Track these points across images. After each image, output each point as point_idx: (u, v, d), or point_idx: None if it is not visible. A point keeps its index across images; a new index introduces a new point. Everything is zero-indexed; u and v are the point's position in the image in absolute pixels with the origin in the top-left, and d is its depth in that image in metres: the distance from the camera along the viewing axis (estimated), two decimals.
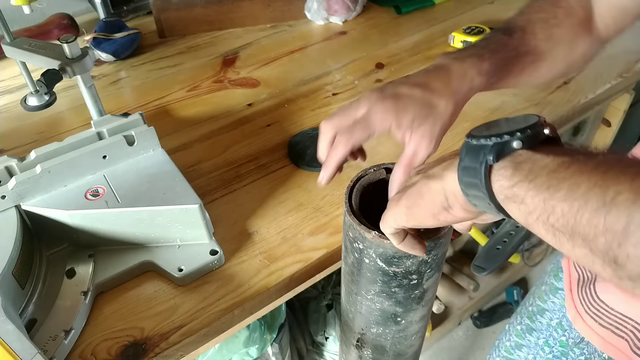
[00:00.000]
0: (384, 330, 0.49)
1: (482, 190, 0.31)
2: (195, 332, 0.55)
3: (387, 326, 0.49)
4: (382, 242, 0.41)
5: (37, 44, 0.69)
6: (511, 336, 0.78)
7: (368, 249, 0.42)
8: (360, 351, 0.54)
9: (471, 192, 0.32)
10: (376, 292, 0.46)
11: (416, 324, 0.49)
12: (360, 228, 0.42)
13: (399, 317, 0.47)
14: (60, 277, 0.57)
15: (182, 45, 1.08)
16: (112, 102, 0.90)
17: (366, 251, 0.43)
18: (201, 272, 0.59)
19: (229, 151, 0.79)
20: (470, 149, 0.32)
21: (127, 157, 0.63)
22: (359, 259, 0.44)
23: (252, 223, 0.67)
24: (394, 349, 0.52)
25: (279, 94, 0.92)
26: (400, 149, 0.79)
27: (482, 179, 0.31)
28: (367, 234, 0.41)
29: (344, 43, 1.08)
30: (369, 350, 0.53)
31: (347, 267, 0.48)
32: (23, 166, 0.59)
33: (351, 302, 0.50)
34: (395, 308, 0.46)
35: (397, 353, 0.53)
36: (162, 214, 0.58)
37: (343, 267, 0.50)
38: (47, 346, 0.51)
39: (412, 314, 0.47)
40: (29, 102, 0.71)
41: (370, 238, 0.41)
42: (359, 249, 0.44)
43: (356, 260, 0.45)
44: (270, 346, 1.05)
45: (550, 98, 0.88)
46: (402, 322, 0.48)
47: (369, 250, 0.42)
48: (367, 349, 0.53)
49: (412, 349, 0.54)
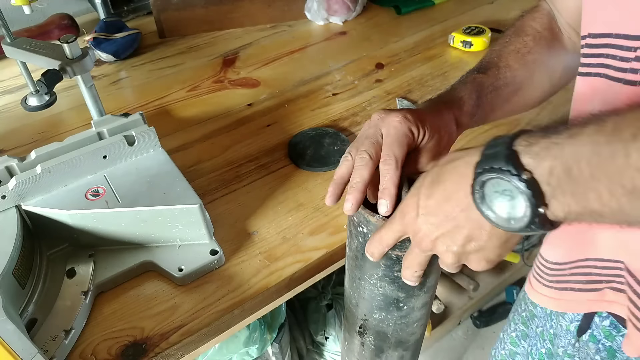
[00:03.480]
0: (386, 315, 0.50)
1: (503, 155, 0.32)
2: (195, 332, 0.55)
3: (390, 312, 0.50)
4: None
5: (37, 44, 0.69)
6: (506, 344, 0.79)
7: (372, 233, 0.43)
8: (363, 338, 0.55)
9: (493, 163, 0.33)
10: (379, 277, 0.46)
11: (418, 311, 0.50)
12: (364, 212, 0.43)
13: (401, 303, 0.48)
14: (61, 277, 0.57)
15: (182, 46, 1.08)
16: (113, 102, 0.90)
17: (370, 235, 0.44)
18: (201, 272, 0.59)
19: (229, 151, 0.79)
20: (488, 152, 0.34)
21: (127, 157, 0.63)
22: (362, 243, 0.45)
23: (252, 223, 0.67)
24: (396, 336, 0.52)
25: (279, 94, 0.92)
26: None
27: (505, 150, 0.32)
28: (371, 217, 0.43)
29: (344, 43, 1.08)
30: (372, 337, 0.54)
31: (352, 252, 0.49)
32: (23, 166, 0.59)
33: (354, 288, 0.51)
34: (398, 293, 0.47)
35: (399, 340, 0.53)
36: (162, 213, 0.58)
37: (347, 254, 0.51)
38: (47, 346, 0.51)
39: (415, 299, 0.48)
40: (30, 102, 0.71)
41: (374, 221, 0.43)
42: (363, 233, 0.45)
43: (360, 244, 0.46)
44: (270, 346, 1.05)
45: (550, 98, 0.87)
46: (404, 307, 0.49)
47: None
48: (369, 335, 0.54)
49: (414, 337, 0.54)
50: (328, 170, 0.74)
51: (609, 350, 0.57)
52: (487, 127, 0.82)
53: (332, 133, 0.80)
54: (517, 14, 0.61)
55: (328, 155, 0.76)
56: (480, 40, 1.00)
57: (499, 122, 0.82)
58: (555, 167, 0.30)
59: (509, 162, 0.32)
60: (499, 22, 1.10)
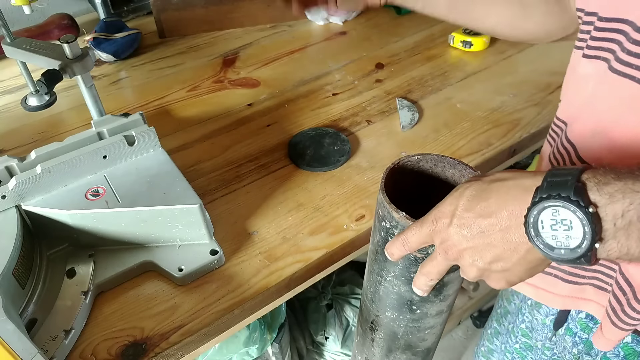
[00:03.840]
0: (398, 316, 0.50)
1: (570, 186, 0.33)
2: (195, 332, 0.55)
3: (402, 312, 0.49)
4: (408, 223, 0.42)
5: (37, 44, 0.69)
6: (484, 342, 0.79)
7: (394, 229, 0.43)
8: (373, 334, 0.55)
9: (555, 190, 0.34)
10: (395, 275, 0.46)
11: (432, 318, 0.50)
12: (389, 207, 0.43)
13: (414, 306, 0.48)
14: (61, 277, 0.57)
15: (182, 46, 1.08)
16: (113, 102, 0.90)
17: (392, 231, 0.44)
18: (201, 272, 0.59)
19: (229, 151, 0.79)
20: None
21: (127, 157, 0.63)
22: (384, 238, 0.45)
23: (252, 223, 0.67)
24: (406, 339, 0.52)
25: (279, 94, 0.92)
26: (400, 150, 0.79)
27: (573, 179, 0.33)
28: (395, 213, 0.42)
29: (344, 43, 1.08)
30: (382, 334, 0.54)
31: (373, 245, 0.49)
32: (23, 166, 0.59)
33: (371, 282, 0.51)
34: (412, 295, 0.47)
35: (408, 344, 0.53)
36: (162, 213, 0.58)
37: (370, 247, 0.51)
38: (47, 346, 0.51)
39: (429, 305, 0.48)
40: (29, 102, 0.71)
41: (398, 218, 0.42)
42: (385, 228, 0.44)
43: (382, 239, 0.46)
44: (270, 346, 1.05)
45: (550, 98, 0.88)
46: (417, 311, 0.48)
47: (395, 230, 0.43)
48: (379, 332, 0.54)
49: (425, 343, 0.54)
50: (328, 170, 0.74)
51: (586, 343, 0.57)
52: (488, 127, 0.82)
53: (332, 133, 0.80)
54: None
55: (328, 155, 0.76)
56: (480, 40, 1.00)
57: (499, 122, 0.83)
58: (629, 211, 0.32)
59: (578, 193, 0.32)
60: None
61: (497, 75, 0.89)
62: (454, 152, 0.77)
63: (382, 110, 0.87)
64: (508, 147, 0.79)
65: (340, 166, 0.75)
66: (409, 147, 0.79)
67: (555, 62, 0.95)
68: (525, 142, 0.81)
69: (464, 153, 0.77)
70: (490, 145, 0.79)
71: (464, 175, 0.46)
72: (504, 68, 0.82)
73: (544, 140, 0.59)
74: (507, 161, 0.83)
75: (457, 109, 0.86)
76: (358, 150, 0.78)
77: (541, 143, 0.89)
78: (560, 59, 0.95)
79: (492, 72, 0.91)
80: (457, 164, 0.46)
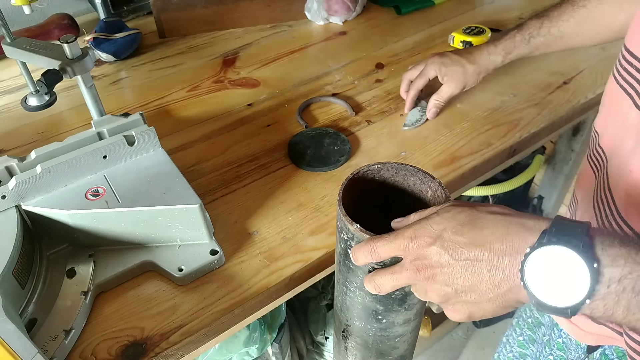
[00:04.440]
0: (366, 325, 0.50)
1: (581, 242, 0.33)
2: (195, 332, 0.55)
3: (369, 322, 0.49)
4: (363, 235, 0.41)
5: (37, 44, 0.69)
6: (513, 347, 0.79)
7: (351, 241, 0.43)
8: (346, 342, 0.55)
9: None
10: (358, 286, 0.46)
11: (399, 327, 0.49)
12: (345, 219, 0.42)
13: (380, 315, 0.47)
14: (61, 277, 0.57)
15: (182, 46, 1.08)
16: (113, 102, 0.90)
17: (349, 242, 0.43)
18: (201, 272, 0.59)
19: (229, 151, 0.79)
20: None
21: (127, 157, 0.63)
22: (344, 250, 0.45)
23: (252, 223, 0.67)
24: (377, 347, 0.52)
25: (279, 94, 0.92)
26: (400, 150, 0.79)
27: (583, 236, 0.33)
28: (350, 225, 0.42)
29: (344, 43, 1.08)
30: (354, 342, 0.54)
31: (337, 256, 0.49)
32: (23, 166, 0.59)
33: (338, 292, 0.51)
34: (376, 305, 0.46)
35: (380, 352, 0.53)
36: (162, 213, 0.58)
37: (335, 256, 0.51)
38: (47, 346, 0.51)
39: (394, 314, 0.47)
40: (29, 102, 0.71)
41: (352, 230, 0.42)
42: (344, 240, 0.44)
43: (342, 250, 0.45)
44: (270, 346, 1.05)
45: (550, 98, 0.88)
46: (383, 320, 0.48)
47: (352, 242, 0.43)
48: (351, 341, 0.54)
49: (397, 351, 0.53)
50: (328, 170, 0.74)
51: None
52: (488, 127, 0.82)
53: (332, 133, 0.80)
54: (517, 14, 0.61)
55: (328, 155, 0.76)
56: (480, 40, 1.00)
57: (499, 122, 0.83)
58: (625, 278, 0.32)
59: (587, 245, 0.33)
60: (499, 22, 1.10)
61: (497, 75, 0.88)
62: (454, 152, 0.77)
63: (382, 110, 0.87)
64: (508, 147, 0.79)
65: (340, 166, 0.75)
66: (409, 147, 0.79)
67: (556, 62, 0.95)
68: (525, 142, 0.81)
69: (464, 153, 0.77)
70: (491, 145, 0.79)
71: (425, 182, 0.45)
72: (504, 68, 0.82)
73: (544, 140, 0.60)
74: (507, 161, 0.83)
75: (457, 109, 0.86)
76: (358, 150, 0.78)
77: (541, 143, 0.89)
78: (560, 59, 0.95)
79: (492, 72, 0.91)
80: (417, 172, 0.45)
